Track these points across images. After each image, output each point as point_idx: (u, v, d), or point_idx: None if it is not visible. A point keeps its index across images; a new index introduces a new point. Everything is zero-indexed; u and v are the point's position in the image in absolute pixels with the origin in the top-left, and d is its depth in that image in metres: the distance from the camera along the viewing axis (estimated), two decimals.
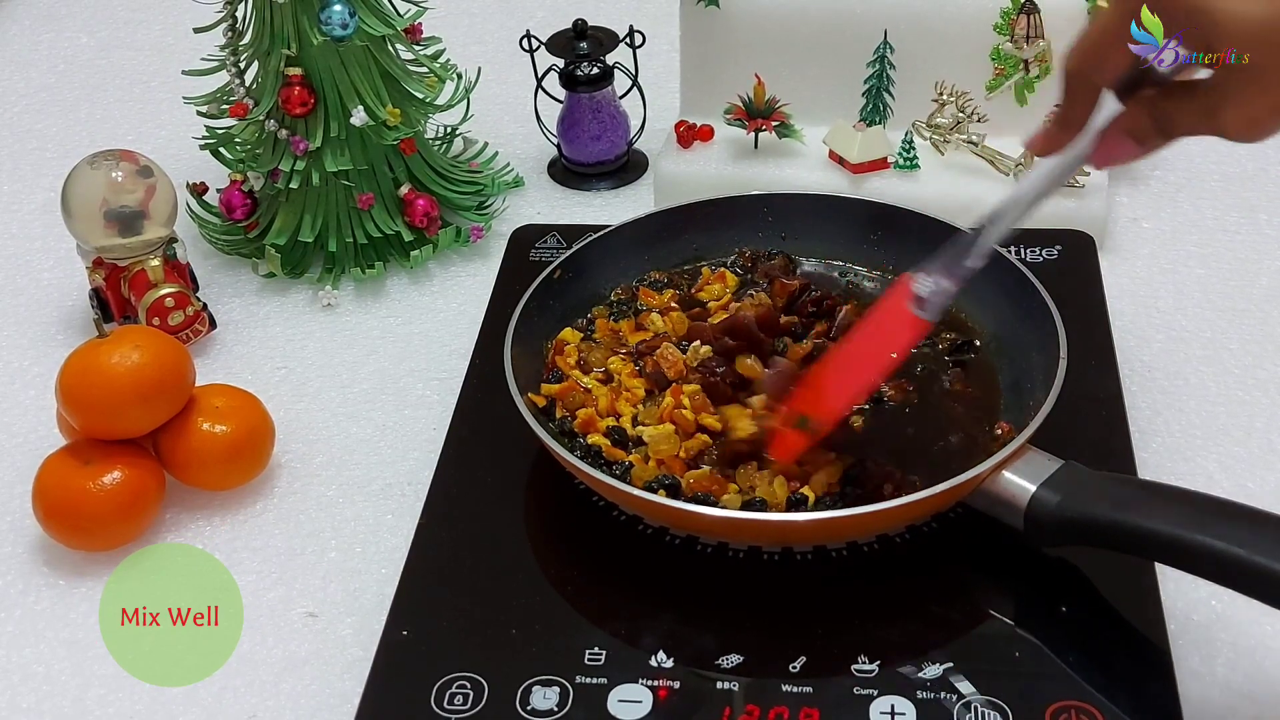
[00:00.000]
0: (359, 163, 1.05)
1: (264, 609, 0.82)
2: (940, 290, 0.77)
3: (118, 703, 0.77)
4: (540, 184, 1.20)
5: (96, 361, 0.85)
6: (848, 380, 0.80)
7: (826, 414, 0.80)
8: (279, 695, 0.77)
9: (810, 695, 0.71)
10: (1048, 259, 0.98)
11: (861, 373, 0.80)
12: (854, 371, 0.80)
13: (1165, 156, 1.15)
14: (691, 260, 0.98)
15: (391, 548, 0.85)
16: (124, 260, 1.00)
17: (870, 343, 0.81)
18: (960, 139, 1.07)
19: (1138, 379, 0.93)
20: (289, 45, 1.01)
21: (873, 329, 0.81)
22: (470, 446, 0.88)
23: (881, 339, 0.80)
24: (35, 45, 1.48)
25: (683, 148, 1.13)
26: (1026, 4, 1.05)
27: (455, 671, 0.73)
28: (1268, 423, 0.90)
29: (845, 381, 0.80)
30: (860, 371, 0.80)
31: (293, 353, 1.03)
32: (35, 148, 1.30)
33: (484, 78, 1.15)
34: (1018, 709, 0.69)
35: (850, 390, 0.80)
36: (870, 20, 1.10)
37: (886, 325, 0.80)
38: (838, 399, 0.80)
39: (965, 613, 0.76)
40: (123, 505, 0.84)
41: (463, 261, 1.10)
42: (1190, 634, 0.75)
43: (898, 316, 0.78)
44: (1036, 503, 0.74)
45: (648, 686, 0.72)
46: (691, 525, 0.79)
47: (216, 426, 0.87)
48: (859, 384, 0.81)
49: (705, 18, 1.12)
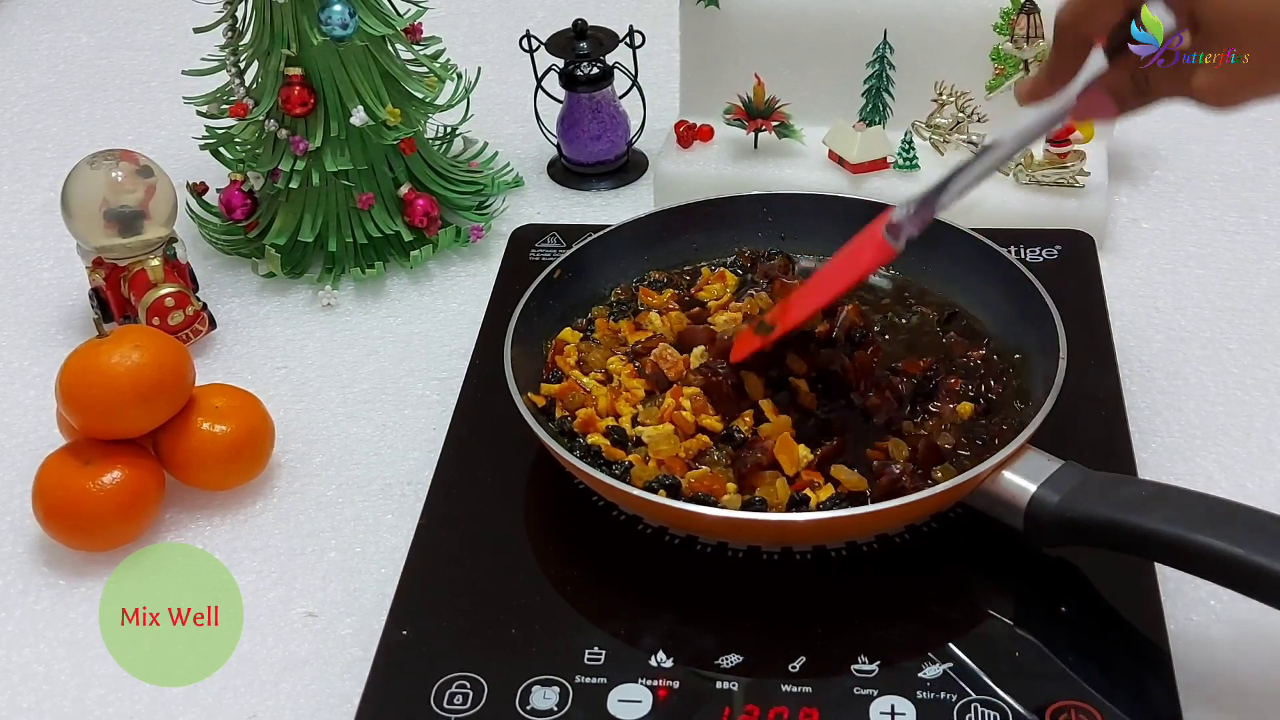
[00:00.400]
0: (359, 163, 1.05)
1: (264, 609, 0.82)
2: (913, 218, 0.80)
3: (118, 703, 0.77)
4: (540, 184, 1.20)
5: (96, 361, 0.85)
6: (810, 290, 0.85)
7: (785, 318, 0.84)
8: (279, 695, 0.77)
9: (810, 695, 0.71)
10: (1048, 259, 0.98)
11: (824, 284, 0.85)
12: (818, 284, 0.85)
13: (1165, 157, 1.15)
14: (691, 260, 0.99)
15: (391, 548, 0.85)
16: (124, 260, 1.00)
17: (840, 262, 0.85)
18: (960, 139, 1.07)
19: (1138, 379, 0.93)
20: (289, 45, 1.01)
21: (846, 252, 0.85)
22: (470, 446, 0.88)
23: (850, 258, 0.84)
24: (35, 45, 1.48)
25: (682, 148, 1.13)
26: (1026, 4, 1.05)
27: (455, 671, 0.73)
28: (1267, 423, 0.90)
29: (808, 291, 0.85)
30: (823, 283, 0.85)
31: (293, 353, 1.03)
32: (35, 148, 1.30)
33: (484, 78, 1.15)
34: (1018, 709, 0.69)
35: (810, 298, 0.84)
36: (870, 20, 1.10)
37: (857, 246, 0.84)
38: (797, 305, 0.84)
39: (965, 613, 0.76)
40: (123, 505, 0.84)
41: (463, 261, 1.10)
42: (1190, 634, 0.75)
43: (869, 239, 0.82)
44: (1036, 503, 0.74)
45: (647, 686, 0.72)
46: (691, 525, 0.79)
47: (216, 426, 0.87)
48: (819, 293, 0.85)
49: (705, 18, 1.12)
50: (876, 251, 0.81)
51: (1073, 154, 1.04)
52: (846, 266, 0.84)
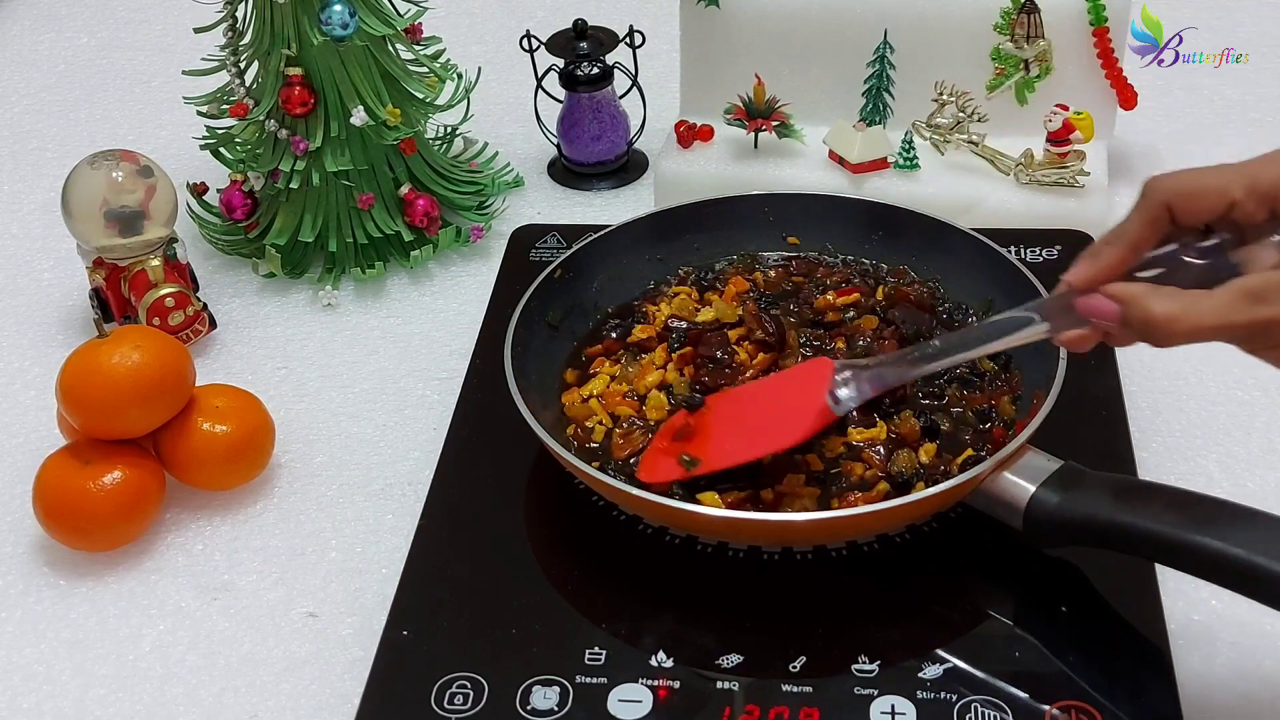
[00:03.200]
0: (359, 163, 1.05)
1: (264, 609, 0.82)
2: (858, 397, 0.79)
3: (118, 703, 0.77)
4: (540, 184, 1.20)
5: (96, 361, 0.85)
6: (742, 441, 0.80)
7: (708, 464, 0.80)
8: (279, 695, 0.77)
9: (810, 695, 0.71)
10: (1048, 259, 0.98)
11: (757, 440, 0.80)
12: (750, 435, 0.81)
13: (1165, 157, 1.15)
14: (692, 260, 0.98)
15: (392, 548, 0.85)
16: (124, 260, 1.00)
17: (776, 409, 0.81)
18: (960, 139, 1.07)
19: (1138, 379, 0.93)
20: (289, 45, 1.01)
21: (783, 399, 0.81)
22: (470, 446, 0.88)
23: (787, 414, 0.80)
24: (35, 45, 1.48)
25: (683, 148, 1.13)
26: (1026, 4, 1.05)
27: (455, 671, 0.73)
28: (1268, 423, 0.90)
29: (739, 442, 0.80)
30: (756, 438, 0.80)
31: (293, 353, 1.03)
32: (35, 148, 1.30)
33: (484, 78, 1.15)
34: (1018, 709, 0.69)
35: (739, 453, 0.80)
36: (870, 20, 1.10)
37: (796, 404, 0.80)
38: (723, 456, 0.80)
39: (965, 613, 0.76)
40: (123, 505, 0.84)
41: (463, 261, 1.10)
42: (1190, 634, 0.75)
43: (810, 401, 0.79)
44: (1036, 503, 0.74)
45: (648, 686, 0.72)
46: (691, 525, 0.79)
47: (216, 426, 0.87)
48: (749, 451, 0.80)
49: (705, 18, 1.12)
50: (820, 419, 0.79)
51: (1073, 154, 1.04)
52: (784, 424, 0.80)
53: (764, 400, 0.83)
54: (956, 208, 1.03)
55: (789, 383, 0.84)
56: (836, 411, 0.79)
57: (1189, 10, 1.10)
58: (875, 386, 0.79)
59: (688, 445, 0.81)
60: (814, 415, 0.79)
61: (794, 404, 0.80)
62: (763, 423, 0.81)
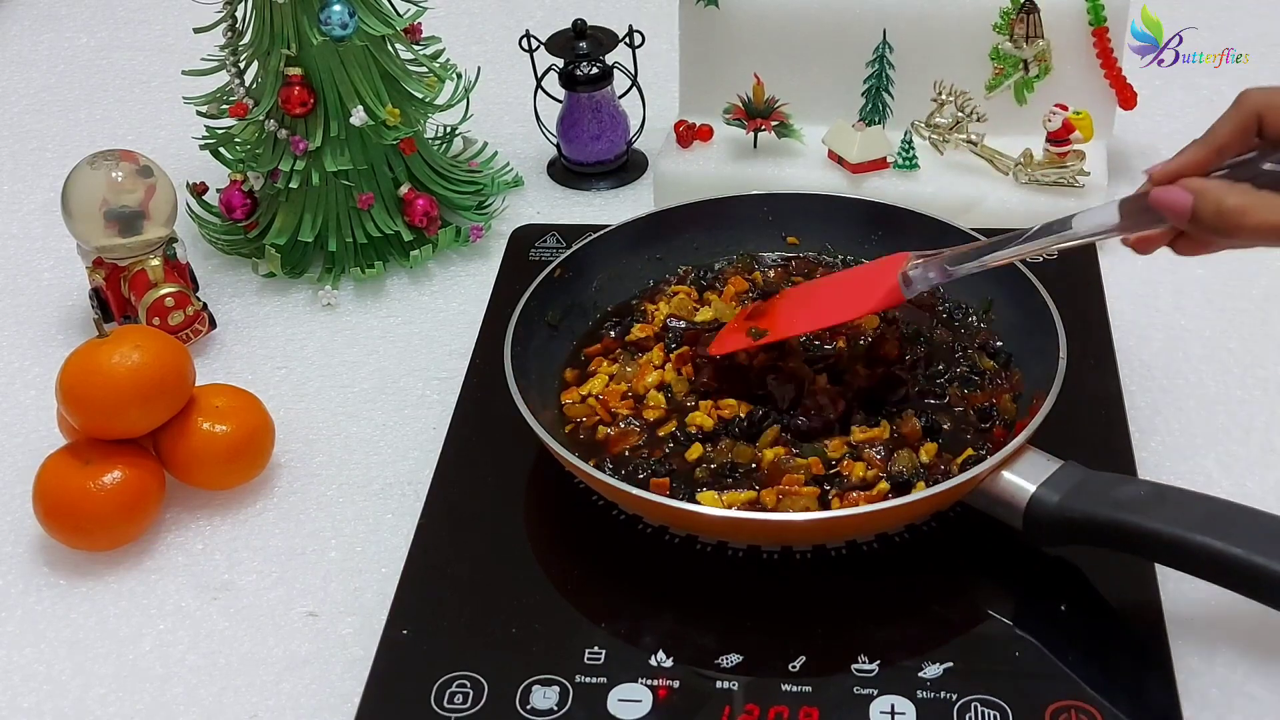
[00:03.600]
0: (359, 163, 1.05)
1: (264, 609, 0.82)
2: (928, 281, 0.82)
3: (118, 703, 0.77)
4: (540, 184, 1.20)
5: (96, 361, 0.85)
6: (811, 310, 0.86)
7: (777, 331, 0.85)
8: (279, 695, 0.77)
9: (810, 695, 0.71)
10: (1048, 259, 0.97)
11: (827, 310, 0.85)
12: (820, 306, 0.86)
13: (1165, 156, 1.14)
14: (692, 260, 0.98)
15: (392, 547, 0.85)
16: (124, 260, 1.00)
17: (847, 289, 0.86)
18: (960, 138, 1.07)
19: (1137, 379, 0.93)
20: (289, 45, 1.01)
21: (855, 281, 0.85)
22: (470, 446, 0.88)
23: (858, 291, 0.84)
24: (35, 45, 1.48)
25: (682, 147, 1.13)
26: (1026, 4, 1.05)
27: (455, 671, 0.73)
28: (1267, 423, 0.90)
29: (809, 310, 0.86)
30: (826, 308, 0.85)
31: (293, 353, 1.03)
32: (35, 148, 1.30)
33: (484, 78, 1.15)
34: (1018, 709, 0.69)
35: (809, 320, 0.85)
36: (870, 20, 1.10)
37: (868, 281, 0.84)
38: (794, 322, 0.85)
39: (965, 613, 0.76)
40: (123, 505, 0.84)
41: (463, 261, 1.10)
42: (1190, 634, 0.75)
43: (882, 280, 0.83)
44: (1036, 503, 0.74)
45: (648, 686, 0.72)
46: (691, 525, 0.79)
47: (216, 426, 0.87)
48: (820, 319, 0.86)
49: (705, 18, 1.12)
50: (888, 294, 0.82)
51: (1072, 154, 1.04)
52: (853, 298, 0.84)
53: (837, 286, 0.87)
54: (956, 207, 1.03)
55: (864, 271, 0.87)
56: (905, 294, 0.82)
57: (1189, 10, 1.09)
58: (942, 275, 0.82)
59: (760, 322, 0.86)
60: (884, 291, 0.82)
61: (866, 285, 0.84)
62: (833, 301, 0.85)
